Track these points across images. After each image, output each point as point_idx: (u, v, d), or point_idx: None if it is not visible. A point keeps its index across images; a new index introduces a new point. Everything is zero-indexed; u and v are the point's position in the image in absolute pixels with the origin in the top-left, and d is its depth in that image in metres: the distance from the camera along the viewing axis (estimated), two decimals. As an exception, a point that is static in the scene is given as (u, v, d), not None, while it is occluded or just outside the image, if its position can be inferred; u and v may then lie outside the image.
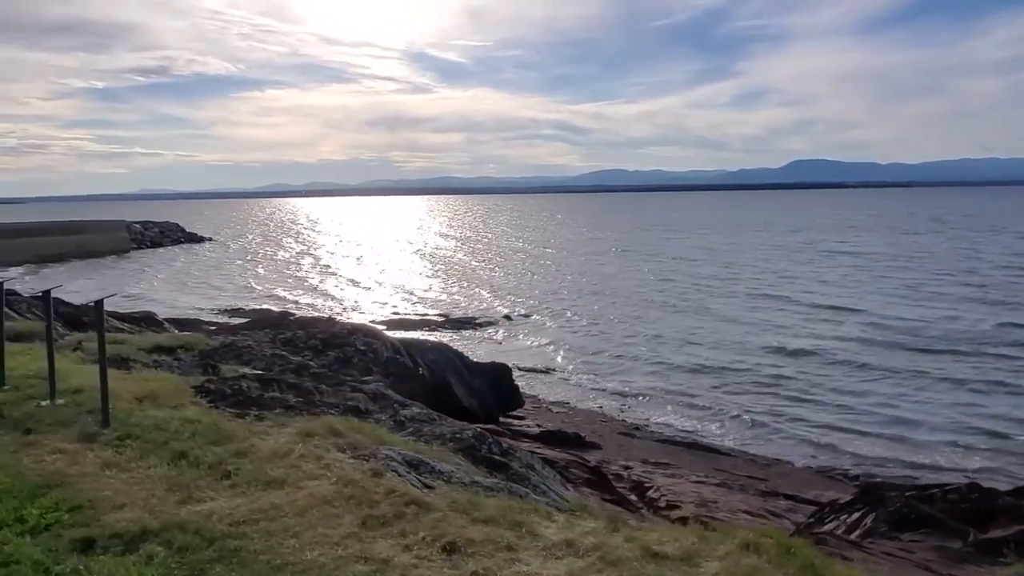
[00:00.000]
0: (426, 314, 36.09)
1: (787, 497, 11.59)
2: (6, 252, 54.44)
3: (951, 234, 73.90)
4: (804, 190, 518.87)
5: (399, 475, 3.94)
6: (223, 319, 26.73)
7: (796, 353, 24.34)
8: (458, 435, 5.29)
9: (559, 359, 25.03)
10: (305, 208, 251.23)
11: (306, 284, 44.78)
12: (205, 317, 26.75)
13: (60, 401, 5.97)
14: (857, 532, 6.41)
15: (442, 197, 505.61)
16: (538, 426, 15.91)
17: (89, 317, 16.25)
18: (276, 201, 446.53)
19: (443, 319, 34.60)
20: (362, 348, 11.19)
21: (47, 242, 60.45)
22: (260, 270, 52.68)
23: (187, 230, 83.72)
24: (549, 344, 27.72)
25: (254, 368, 9.96)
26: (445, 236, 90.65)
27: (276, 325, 14.54)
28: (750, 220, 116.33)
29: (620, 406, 20.02)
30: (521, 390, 17.21)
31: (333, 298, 38.88)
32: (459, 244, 76.83)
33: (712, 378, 22.16)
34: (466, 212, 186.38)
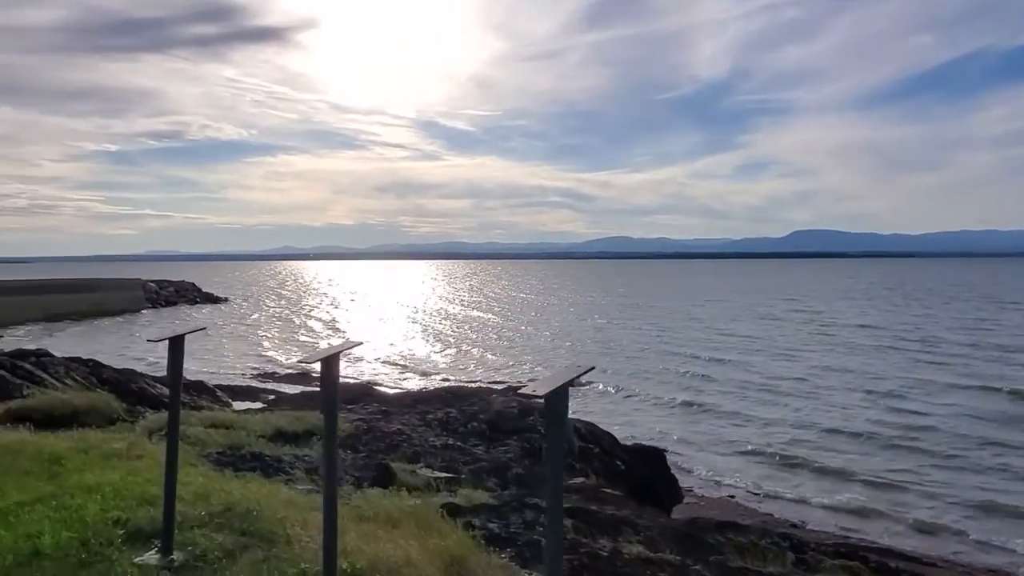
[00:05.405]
0: (478, 380, 33.00)
1: None
2: (12, 310, 51.28)
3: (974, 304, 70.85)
4: (808, 259, 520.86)
5: None
6: (278, 386, 23.43)
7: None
8: None
9: (658, 435, 21.62)
10: (316, 271, 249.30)
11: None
12: (251, 383, 23.48)
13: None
14: None
15: (451, 262, 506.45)
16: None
17: (140, 385, 13.05)
18: (286, 264, 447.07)
19: (502, 386, 31.46)
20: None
21: (57, 300, 57.45)
22: (290, 332, 49.50)
23: (203, 290, 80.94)
24: (640, 418, 24.45)
25: (428, 464, 6.75)
26: (469, 300, 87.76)
27: (373, 398, 11.31)
28: (798, 290, 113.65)
29: (768, 498, 16.57)
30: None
31: (384, 361, 35.77)
32: (486, 308, 73.84)
33: (860, 455, 18.68)
34: (479, 277, 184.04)
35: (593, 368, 2.24)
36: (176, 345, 3.21)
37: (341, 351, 2.73)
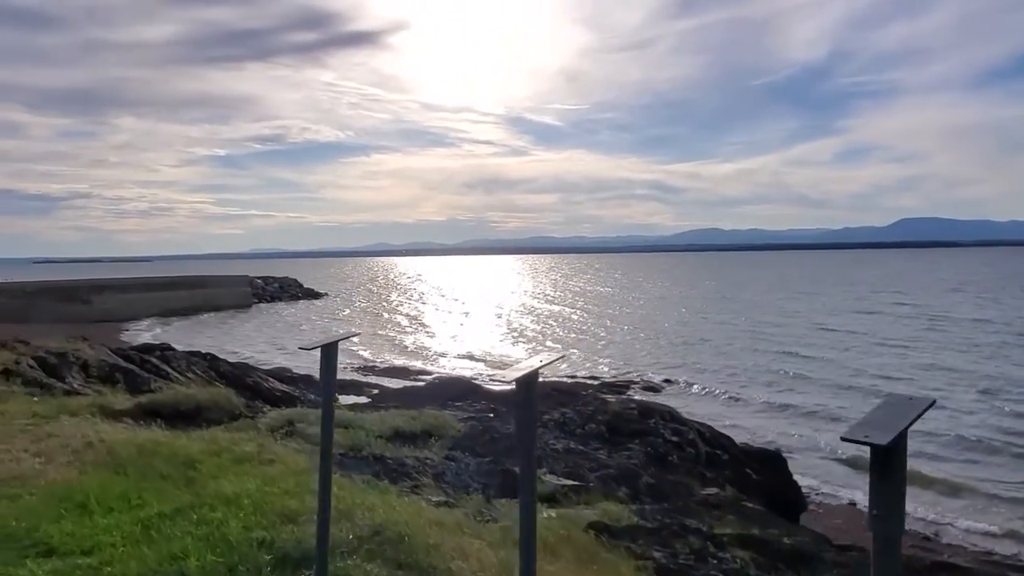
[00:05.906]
0: (574, 375, 32.50)
1: None
2: (136, 305, 55.00)
3: None
4: (915, 248, 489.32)
5: None
6: (380, 380, 23.85)
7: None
8: None
9: (754, 438, 20.28)
10: (408, 267, 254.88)
11: (434, 345, 41.91)
12: (354, 376, 23.99)
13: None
14: None
15: (537, 256, 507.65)
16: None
17: (255, 379, 13.37)
18: (380, 260, 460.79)
19: (596, 382, 30.87)
20: (674, 439, 7.55)
21: (174, 296, 60.99)
22: (386, 327, 50.59)
23: (304, 286, 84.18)
24: (733, 419, 23.14)
25: (551, 470, 6.42)
26: (553, 295, 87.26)
27: (479, 395, 11.08)
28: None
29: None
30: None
31: (474, 357, 35.77)
32: (570, 303, 73.01)
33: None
34: (564, 272, 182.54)
35: (934, 402, 1.76)
36: (329, 353, 2.97)
37: (542, 367, 2.36)
